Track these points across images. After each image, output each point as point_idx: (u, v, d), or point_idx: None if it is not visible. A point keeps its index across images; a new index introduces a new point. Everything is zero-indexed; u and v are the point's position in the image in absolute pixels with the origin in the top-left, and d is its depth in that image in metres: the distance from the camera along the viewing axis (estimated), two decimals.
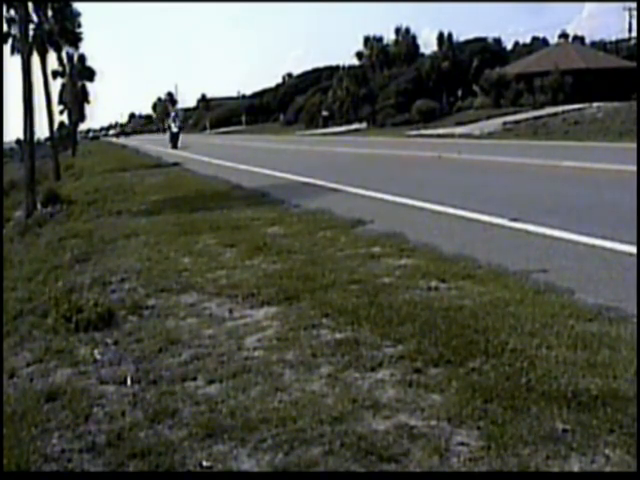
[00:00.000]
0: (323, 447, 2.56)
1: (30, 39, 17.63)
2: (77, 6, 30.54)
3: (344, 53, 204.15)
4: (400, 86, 45.43)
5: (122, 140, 64.56)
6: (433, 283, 4.57)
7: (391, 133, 34.40)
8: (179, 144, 33.68)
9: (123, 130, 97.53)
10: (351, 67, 56.93)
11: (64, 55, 35.71)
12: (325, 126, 51.48)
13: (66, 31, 30.10)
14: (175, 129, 34.96)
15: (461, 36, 52.19)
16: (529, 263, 4.99)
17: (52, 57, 31.88)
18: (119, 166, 21.36)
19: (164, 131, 62.21)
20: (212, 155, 22.76)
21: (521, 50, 57.08)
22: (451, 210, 7.67)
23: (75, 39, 31.80)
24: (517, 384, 2.89)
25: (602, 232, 5.75)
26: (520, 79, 40.63)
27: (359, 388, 3.06)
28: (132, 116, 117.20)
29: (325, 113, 54.09)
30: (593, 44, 54.54)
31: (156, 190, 12.76)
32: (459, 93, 44.80)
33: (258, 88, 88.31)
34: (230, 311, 4.43)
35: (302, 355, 3.51)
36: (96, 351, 3.88)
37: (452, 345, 3.36)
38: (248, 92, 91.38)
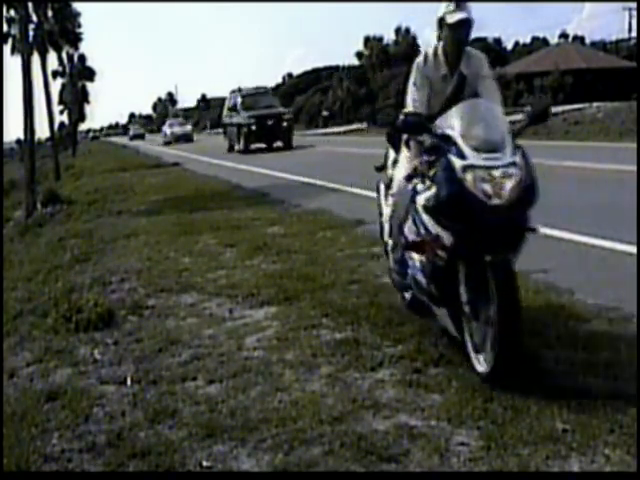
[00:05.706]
0: (323, 447, 2.57)
1: (30, 39, 17.63)
2: (77, 6, 30.70)
3: (344, 53, 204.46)
4: (400, 86, 45.37)
5: (122, 140, 64.45)
6: None
7: None
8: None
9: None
10: (351, 67, 56.90)
11: (64, 55, 35.77)
12: (325, 126, 51.41)
13: (66, 31, 30.23)
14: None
15: None
16: (529, 263, 4.98)
17: (52, 57, 32.04)
18: (119, 166, 21.35)
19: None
20: (212, 155, 22.74)
21: (521, 50, 57.01)
22: None
23: (75, 39, 31.95)
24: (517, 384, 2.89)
25: (602, 232, 5.74)
26: (520, 79, 40.57)
27: (359, 388, 3.07)
28: (132, 116, 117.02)
29: (325, 113, 54.01)
30: (593, 44, 54.49)
31: (156, 190, 12.76)
32: None
33: None
34: (230, 311, 4.43)
35: (302, 355, 3.51)
36: (96, 351, 3.89)
37: (452, 345, 3.36)
38: None
